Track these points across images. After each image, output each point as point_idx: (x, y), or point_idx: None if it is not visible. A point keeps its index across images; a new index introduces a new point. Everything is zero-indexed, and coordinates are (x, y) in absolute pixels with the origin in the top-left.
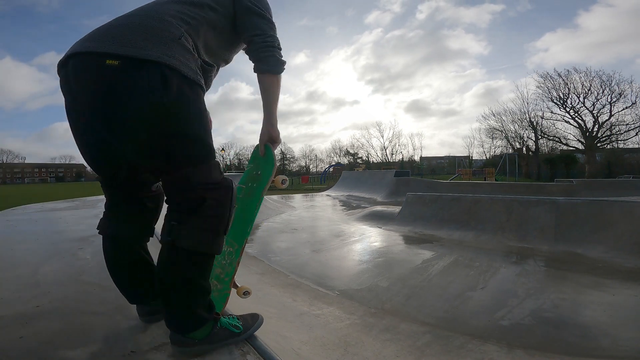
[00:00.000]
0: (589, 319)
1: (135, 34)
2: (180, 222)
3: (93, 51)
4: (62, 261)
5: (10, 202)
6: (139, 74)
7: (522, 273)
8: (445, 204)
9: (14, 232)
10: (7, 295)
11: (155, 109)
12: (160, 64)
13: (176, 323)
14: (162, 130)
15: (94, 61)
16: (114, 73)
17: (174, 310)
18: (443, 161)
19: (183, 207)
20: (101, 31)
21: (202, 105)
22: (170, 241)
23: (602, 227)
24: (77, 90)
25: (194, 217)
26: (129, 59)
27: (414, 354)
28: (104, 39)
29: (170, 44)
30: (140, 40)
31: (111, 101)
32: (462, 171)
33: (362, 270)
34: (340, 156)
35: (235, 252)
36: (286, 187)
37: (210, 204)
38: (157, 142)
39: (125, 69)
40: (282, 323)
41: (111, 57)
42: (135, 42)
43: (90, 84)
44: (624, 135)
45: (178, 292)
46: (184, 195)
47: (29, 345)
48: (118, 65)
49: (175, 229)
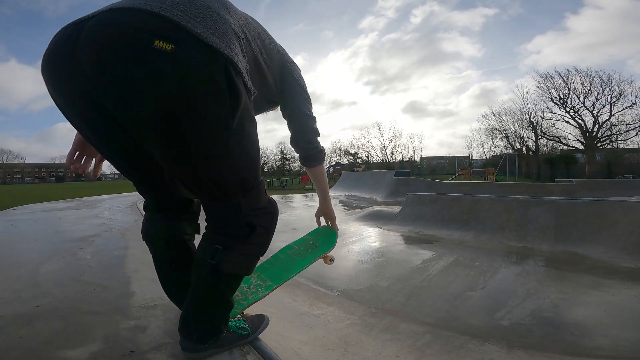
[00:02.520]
0: (589, 319)
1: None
2: (226, 247)
3: (143, 8)
4: (62, 261)
5: (10, 202)
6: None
7: (522, 273)
8: (445, 204)
9: (14, 232)
10: (7, 295)
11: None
12: (225, 56)
13: (197, 335)
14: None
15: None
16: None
17: (200, 324)
18: (443, 161)
19: (229, 233)
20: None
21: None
22: (214, 265)
23: (602, 227)
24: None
25: (240, 244)
26: (191, 34)
27: (414, 354)
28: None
29: (233, 38)
30: (201, 18)
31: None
32: (462, 171)
33: (362, 270)
34: (340, 156)
35: (265, 287)
36: (331, 265)
37: (259, 232)
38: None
39: (188, 50)
40: (282, 323)
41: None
42: (197, 17)
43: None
44: (624, 135)
45: (210, 309)
46: (232, 220)
47: (29, 345)
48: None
49: (219, 253)
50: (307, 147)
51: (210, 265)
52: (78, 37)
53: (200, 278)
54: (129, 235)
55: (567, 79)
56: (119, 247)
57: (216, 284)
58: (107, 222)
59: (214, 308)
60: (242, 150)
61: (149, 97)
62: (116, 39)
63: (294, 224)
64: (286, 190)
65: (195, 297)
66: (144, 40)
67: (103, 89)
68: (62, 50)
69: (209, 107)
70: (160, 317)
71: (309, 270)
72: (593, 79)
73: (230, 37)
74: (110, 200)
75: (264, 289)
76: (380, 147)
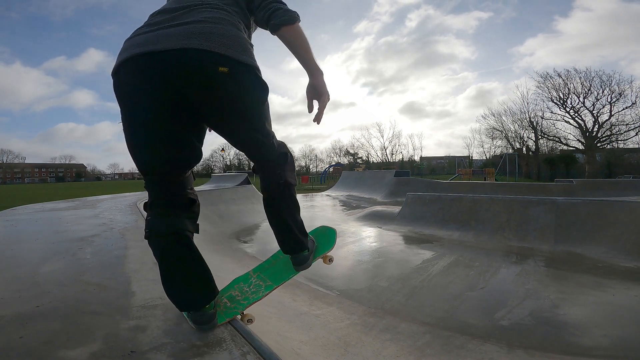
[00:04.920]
0: (589, 319)
1: (225, 39)
2: (282, 170)
3: (204, 49)
4: (62, 261)
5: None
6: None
7: (522, 273)
8: (445, 204)
9: (14, 232)
10: (7, 295)
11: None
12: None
13: (293, 244)
14: (258, 106)
15: (209, 60)
16: (226, 77)
17: (293, 234)
18: (443, 161)
19: (278, 161)
20: (189, 30)
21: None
22: (283, 182)
23: (602, 227)
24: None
25: (286, 165)
26: (234, 60)
27: (414, 354)
28: (207, 39)
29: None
30: (232, 45)
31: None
32: (462, 171)
33: (362, 270)
34: (340, 156)
35: (265, 287)
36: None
37: (290, 159)
38: (259, 127)
39: (236, 71)
40: (282, 323)
41: (221, 59)
42: (231, 47)
43: (194, 77)
44: (624, 135)
45: (295, 213)
46: (275, 153)
47: (29, 345)
48: (228, 70)
49: (282, 175)
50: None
51: (282, 182)
52: (163, 63)
53: (281, 196)
54: (129, 235)
55: (567, 79)
56: (119, 247)
57: (290, 192)
58: (107, 222)
59: (297, 211)
60: (269, 114)
61: (223, 95)
62: (199, 69)
63: None
64: None
65: (285, 210)
66: (213, 68)
67: (192, 94)
68: (149, 71)
69: (254, 94)
70: (160, 317)
71: (309, 270)
72: (593, 79)
73: (249, 50)
74: (110, 200)
75: (264, 288)
76: (380, 147)
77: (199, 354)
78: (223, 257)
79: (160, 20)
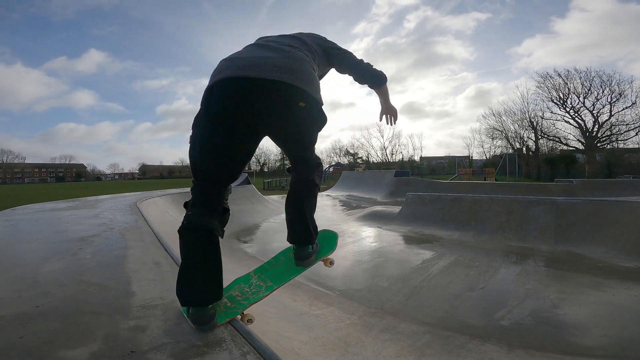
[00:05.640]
0: (589, 319)
1: (307, 77)
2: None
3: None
4: (62, 261)
5: (10, 202)
6: (313, 105)
7: (522, 273)
8: (445, 204)
9: (14, 232)
10: (7, 295)
11: (318, 123)
12: (318, 101)
13: (303, 235)
14: (315, 132)
15: (290, 93)
16: (302, 110)
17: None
18: (443, 161)
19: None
20: (275, 62)
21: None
22: (311, 180)
23: (602, 227)
24: (259, 105)
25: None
26: (311, 97)
27: (414, 354)
28: (290, 74)
29: (318, 85)
30: (311, 84)
31: (286, 117)
32: (462, 171)
33: (362, 270)
34: (340, 156)
35: (266, 287)
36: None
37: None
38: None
39: (310, 105)
40: (282, 323)
41: (302, 93)
42: (310, 85)
43: (279, 105)
44: (624, 135)
45: (312, 209)
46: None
47: (29, 345)
48: (306, 104)
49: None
50: (373, 73)
51: (310, 179)
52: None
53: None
54: (129, 235)
55: (567, 79)
56: (119, 247)
57: (314, 191)
58: (107, 222)
59: (314, 209)
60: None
61: (297, 122)
62: (286, 100)
63: None
64: (286, 190)
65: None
66: (296, 101)
67: (274, 118)
68: (243, 91)
69: (317, 124)
70: (160, 317)
71: (309, 270)
72: (593, 79)
73: (318, 87)
74: (110, 200)
75: (265, 289)
76: (380, 147)
77: (199, 354)
78: (223, 257)
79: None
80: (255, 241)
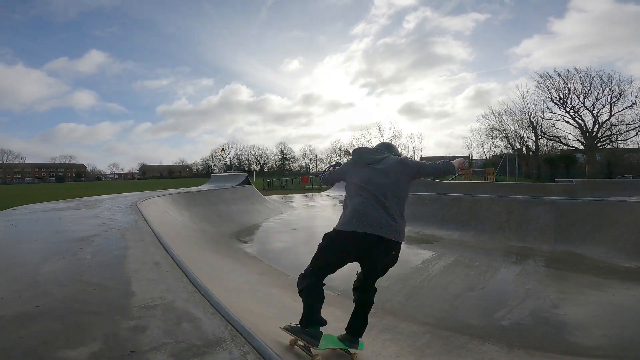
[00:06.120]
0: (589, 319)
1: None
2: (373, 296)
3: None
4: (62, 261)
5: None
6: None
7: (522, 273)
8: (445, 204)
9: (14, 232)
10: (7, 295)
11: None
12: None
13: (361, 332)
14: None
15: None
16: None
17: (364, 327)
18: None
19: (374, 290)
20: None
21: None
22: (371, 302)
23: (602, 227)
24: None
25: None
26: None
27: (414, 354)
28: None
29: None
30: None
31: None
32: (462, 171)
33: None
34: (340, 156)
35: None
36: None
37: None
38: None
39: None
40: (282, 323)
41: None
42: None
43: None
44: (624, 135)
45: (367, 317)
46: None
47: (29, 345)
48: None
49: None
50: (433, 171)
51: (371, 302)
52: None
53: (369, 305)
54: (129, 235)
55: (567, 79)
56: (119, 247)
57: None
58: (107, 222)
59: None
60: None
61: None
62: (387, 248)
63: (294, 224)
64: (286, 190)
65: (368, 312)
66: (392, 250)
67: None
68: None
69: (394, 261)
70: (160, 317)
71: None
72: (593, 79)
73: (403, 233)
74: (110, 201)
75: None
76: None
77: (199, 354)
78: (223, 257)
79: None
80: (255, 241)
